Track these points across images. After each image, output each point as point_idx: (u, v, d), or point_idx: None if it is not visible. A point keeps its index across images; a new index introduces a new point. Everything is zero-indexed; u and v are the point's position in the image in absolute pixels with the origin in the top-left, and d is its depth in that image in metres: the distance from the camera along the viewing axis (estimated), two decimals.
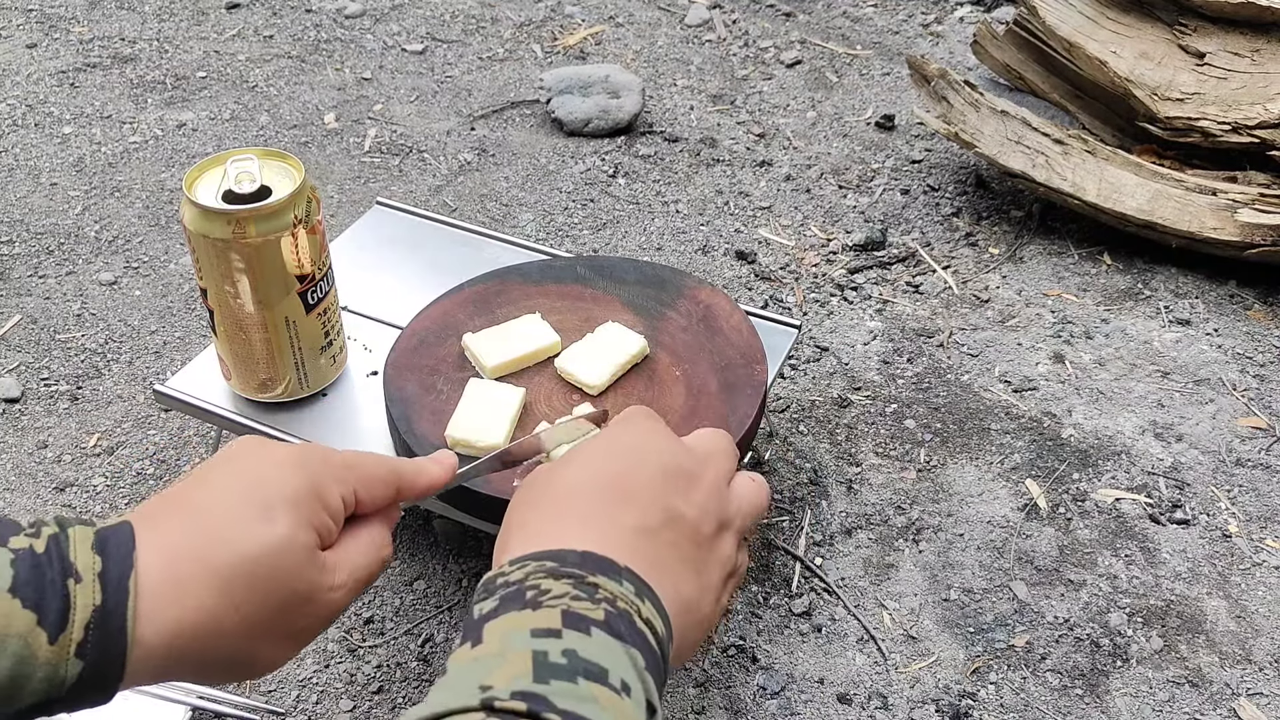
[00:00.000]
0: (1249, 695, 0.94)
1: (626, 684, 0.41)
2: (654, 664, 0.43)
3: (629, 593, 0.45)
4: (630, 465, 0.51)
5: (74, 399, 1.21)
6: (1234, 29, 1.47)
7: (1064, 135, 1.43)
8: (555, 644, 0.41)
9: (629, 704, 0.40)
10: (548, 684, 0.39)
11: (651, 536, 0.49)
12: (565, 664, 0.40)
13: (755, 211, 1.53)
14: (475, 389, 0.90)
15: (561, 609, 0.42)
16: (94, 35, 1.91)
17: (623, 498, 0.49)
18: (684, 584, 0.49)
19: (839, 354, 1.28)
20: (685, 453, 0.53)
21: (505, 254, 1.13)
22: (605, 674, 0.40)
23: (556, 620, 0.42)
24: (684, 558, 0.49)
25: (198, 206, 0.84)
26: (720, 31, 1.98)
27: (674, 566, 0.49)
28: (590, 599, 0.43)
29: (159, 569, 0.46)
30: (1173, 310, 1.36)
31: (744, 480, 0.55)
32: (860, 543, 1.06)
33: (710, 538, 0.51)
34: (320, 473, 0.52)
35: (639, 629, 0.44)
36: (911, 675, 0.95)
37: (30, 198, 1.52)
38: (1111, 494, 1.11)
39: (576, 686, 0.39)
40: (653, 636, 0.44)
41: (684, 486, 0.51)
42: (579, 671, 0.40)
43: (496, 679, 0.39)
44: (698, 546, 0.50)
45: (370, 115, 1.72)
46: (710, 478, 0.53)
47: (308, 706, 0.91)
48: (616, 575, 0.45)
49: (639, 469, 0.51)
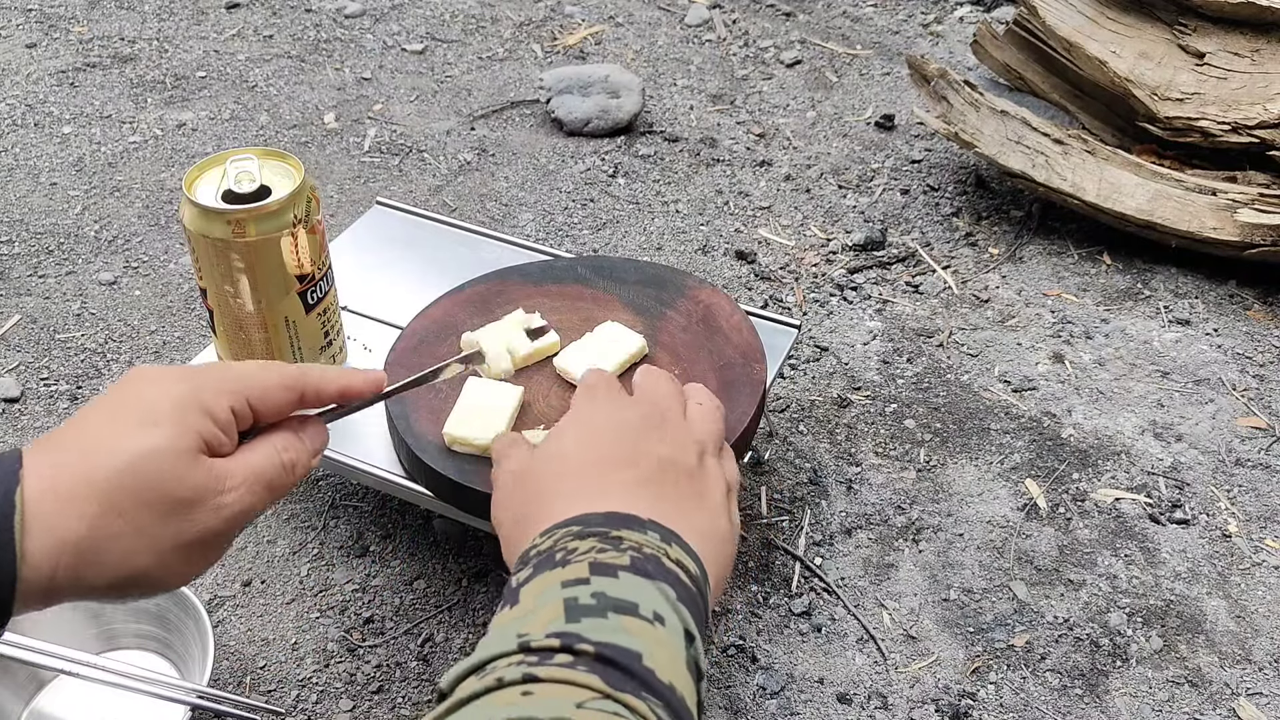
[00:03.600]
0: (1249, 695, 0.94)
1: (659, 615, 0.43)
2: (688, 597, 0.45)
3: (654, 539, 0.47)
4: (612, 432, 0.56)
5: (74, 399, 1.21)
6: (1234, 29, 1.47)
7: (1064, 135, 1.43)
8: (584, 589, 0.43)
9: (664, 631, 0.43)
10: (579, 622, 0.41)
11: (654, 484, 0.52)
12: (595, 604, 0.42)
13: (755, 211, 1.53)
14: (474, 388, 0.90)
15: (589, 561, 0.45)
16: (94, 35, 1.91)
17: (618, 462, 0.53)
18: (695, 515, 0.52)
19: (839, 354, 1.29)
20: (645, 404, 0.58)
21: (505, 254, 1.13)
22: (635, 607, 0.43)
23: (585, 571, 0.44)
24: (685, 493, 0.53)
25: (197, 206, 0.84)
26: (720, 31, 1.98)
27: (681, 504, 0.52)
28: (616, 549, 0.46)
29: (43, 487, 0.46)
30: (1172, 310, 1.36)
31: (694, 409, 0.60)
32: (860, 543, 1.06)
33: (697, 466, 0.55)
34: (205, 385, 0.52)
35: (668, 568, 0.46)
36: (911, 675, 0.95)
37: (30, 197, 1.52)
38: (1111, 494, 1.11)
39: (606, 620, 0.42)
40: (685, 574, 0.46)
41: (657, 433, 0.56)
42: (609, 608, 0.42)
43: (532, 627, 0.41)
44: (691, 478, 0.54)
45: (370, 115, 1.72)
46: (672, 417, 0.57)
47: (308, 706, 0.91)
48: (640, 527, 0.48)
49: (620, 434, 0.55)
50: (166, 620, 0.92)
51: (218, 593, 1.00)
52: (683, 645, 0.43)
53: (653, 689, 0.40)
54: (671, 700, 0.40)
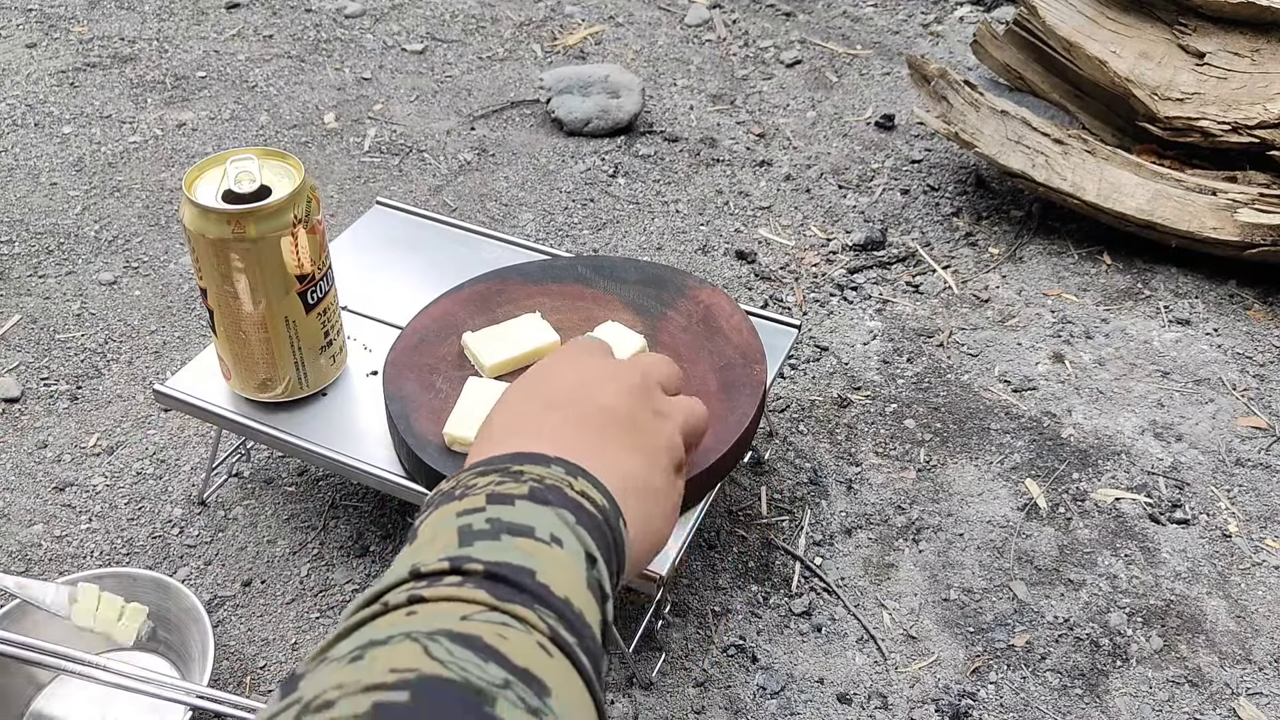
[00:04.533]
0: (1249, 695, 0.94)
1: (556, 537, 0.43)
2: (592, 523, 0.45)
3: (558, 472, 0.47)
4: (550, 376, 0.56)
5: (74, 399, 1.21)
6: (1234, 29, 1.47)
7: (1064, 135, 1.43)
8: (479, 516, 0.43)
9: (562, 553, 0.42)
10: (471, 545, 0.41)
11: (579, 424, 0.52)
12: (488, 529, 0.42)
13: (755, 211, 1.53)
14: (474, 387, 0.90)
15: (486, 493, 0.45)
16: (94, 35, 1.91)
17: (548, 403, 0.53)
18: (622, 461, 0.52)
19: (839, 354, 1.28)
20: (610, 359, 0.58)
21: (505, 254, 1.13)
22: (531, 530, 0.43)
23: (481, 501, 0.44)
24: (617, 441, 0.52)
25: (197, 206, 0.84)
26: (720, 31, 1.98)
27: (609, 448, 0.52)
28: (516, 480, 0.46)
29: None
30: (1172, 310, 1.36)
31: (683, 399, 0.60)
32: (860, 542, 1.06)
33: (648, 422, 0.55)
34: None
35: (570, 497, 0.46)
36: (911, 675, 0.95)
37: (30, 198, 1.52)
38: (1111, 494, 1.11)
39: (499, 542, 0.42)
40: (590, 504, 0.46)
41: (610, 384, 0.55)
42: (503, 530, 0.42)
43: (425, 555, 0.41)
44: (633, 431, 0.53)
45: (370, 115, 1.72)
46: (638, 377, 0.56)
47: None
48: (544, 462, 0.47)
49: (559, 377, 0.56)
50: (166, 620, 0.92)
51: (218, 593, 1.00)
52: (583, 565, 0.43)
53: (546, 602, 0.40)
54: (566, 613, 0.40)
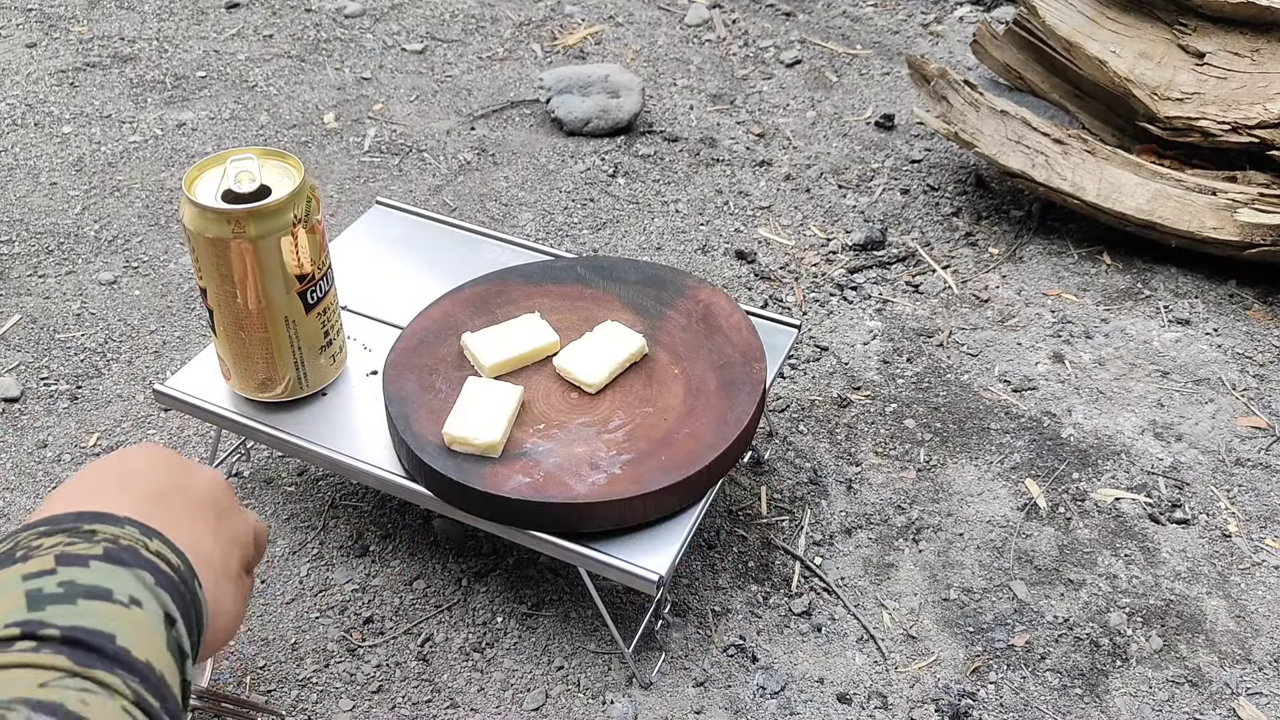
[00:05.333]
0: (1248, 695, 0.94)
1: (135, 598, 0.41)
2: (169, 583, 0.44)
3: (133, 533, 0.45)
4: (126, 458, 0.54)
5: (74, 399, 1.21)
6: (1234, 29, 1.47)
7: (1064, 135, 1.43)
8: (49, 580, 0.41)
9: (142, 615, 0.41)
10: (43, 610, 0.39)
11: (162, 499, 0.50)
12: (61, 592, 0.40)
13: (755, 211, 1.53)
14: (473, 387, 0.90)
15: (55, 554, 0.42)
16: (94, 35, 1.91)
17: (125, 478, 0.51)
18: (203, 540, 0.50)
19: (839, 354, 1.28)
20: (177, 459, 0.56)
21: (505, 254, 1.13)
22: (109, 592, 0.41)
23: (50, 563, 0.42)
24: (203, 519, 0.51)
25: (197, 206, 0.84)
26: (720, 31, 1.98)
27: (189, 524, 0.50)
28: (88, 541, 0.43)
29: None
30: (1172, 310, 1.36)
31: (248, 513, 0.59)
32: (860, 542, 1.06)
33: (226, 510, 0.54)
34: None
35: (146, 557, 0.44)
36: (911, 675, 0.95)
37: (30, 197, 1.52)
38: (1111, 494, 1.11)
39: (75, 606, 0.40)
40: (166, 564, 0.44)
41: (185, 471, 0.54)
42: (79, 595, 0.40)
43: None
44: (215, 513, 0.53)
45: (370, 115, 1.72)
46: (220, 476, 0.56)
47: (308, 706, 0.91)
48: (117, 522, 0.45)
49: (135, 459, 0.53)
50: None
51: None
52: (163, 627, 0.42)
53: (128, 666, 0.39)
54: (150, 677, 0.40)
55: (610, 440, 0.88)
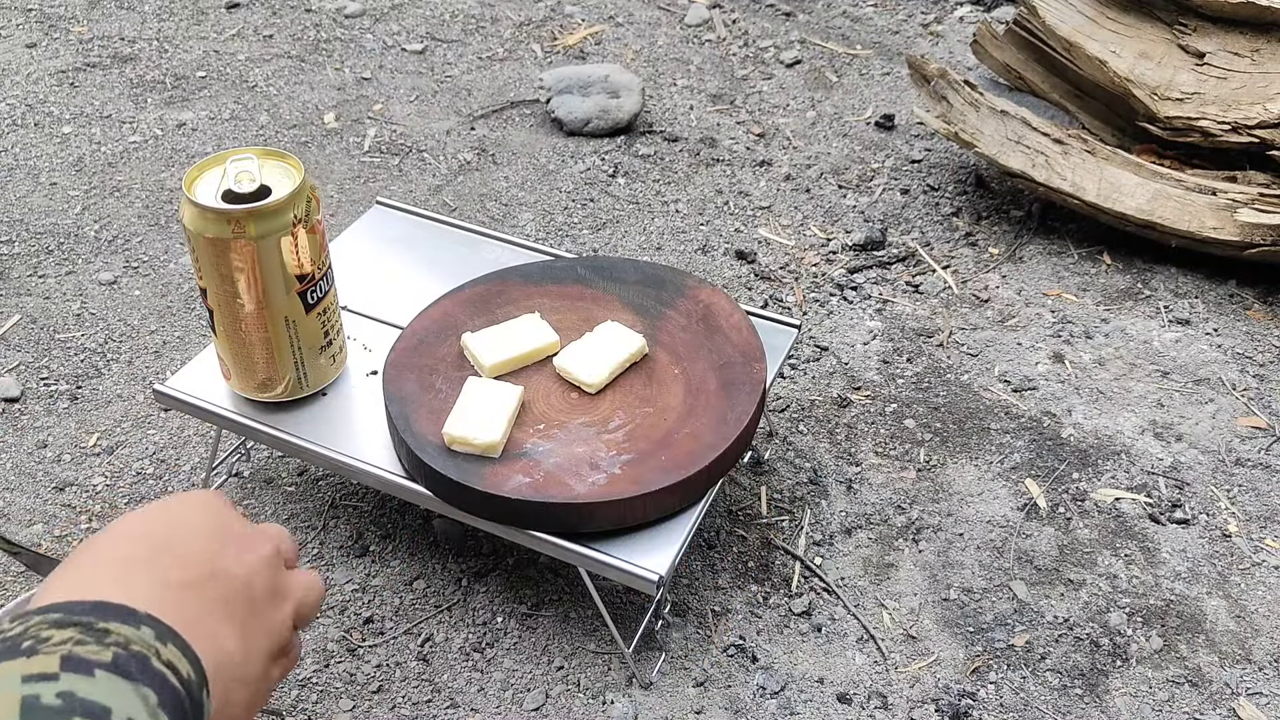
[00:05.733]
0: (1248, 695, 0.94)
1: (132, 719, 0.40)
2: (174, 701, 0.42)
3: (147, 636, 0.43)
4: (174, 525, 0.51)
5: (74, 399, 1.21)
6: (1234, 29, 1.47)
7: (1064, 135, 1.43)
8: (49, 686, 0.39)
9: None
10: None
11: (193, 589, 0.48)
12: (59, 705, 0.38)
13: (755, 211, 1.53)
14: (473, 387, 0.90)
15: (61, 654, 0.41)
16: (94, 35, 1.91)
17: (162, 553, 0.49)
18: (226, 639, 0.48)
19: (839, 354, 1.28)
20: (239, 521, 0.53)
21: (505, 254, 1.13)
22: (108, 712, 0.39)
23: (54, 665, 0.40)
24: (230, 615, 0.49)
25: (197, 206, 0.84)
26: (720, 31, 1.98)
27: (215, 620, 0.48)
28: (98, 643, 0.42)
29: None
30: (1172, 310, 1.36)
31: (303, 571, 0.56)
32: (860, 542, 1.06)
33: (262, 601, 0.51)
34: None
35: (155, 669, 0.42)
36: (911, 675, 0.95)
37: (30, 197, 1.52)
38: (1111, 494, 1.11)
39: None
40: (175, 677, 0.43)
41: (234, 548, 0.51)
42: (75, 712, 0.39)
43: None
44: (249, 606, 0.50)
45: (370, 115, 1.72)
46: (266, 549, 0.53)
47: (308, 706, 0.91)
48: (134, 621, 0.44)
49: (183, 527, 0.51)
50: None
51: None
52: None
53: None
54: None
55: (610, 440, 0.88)
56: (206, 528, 0.51)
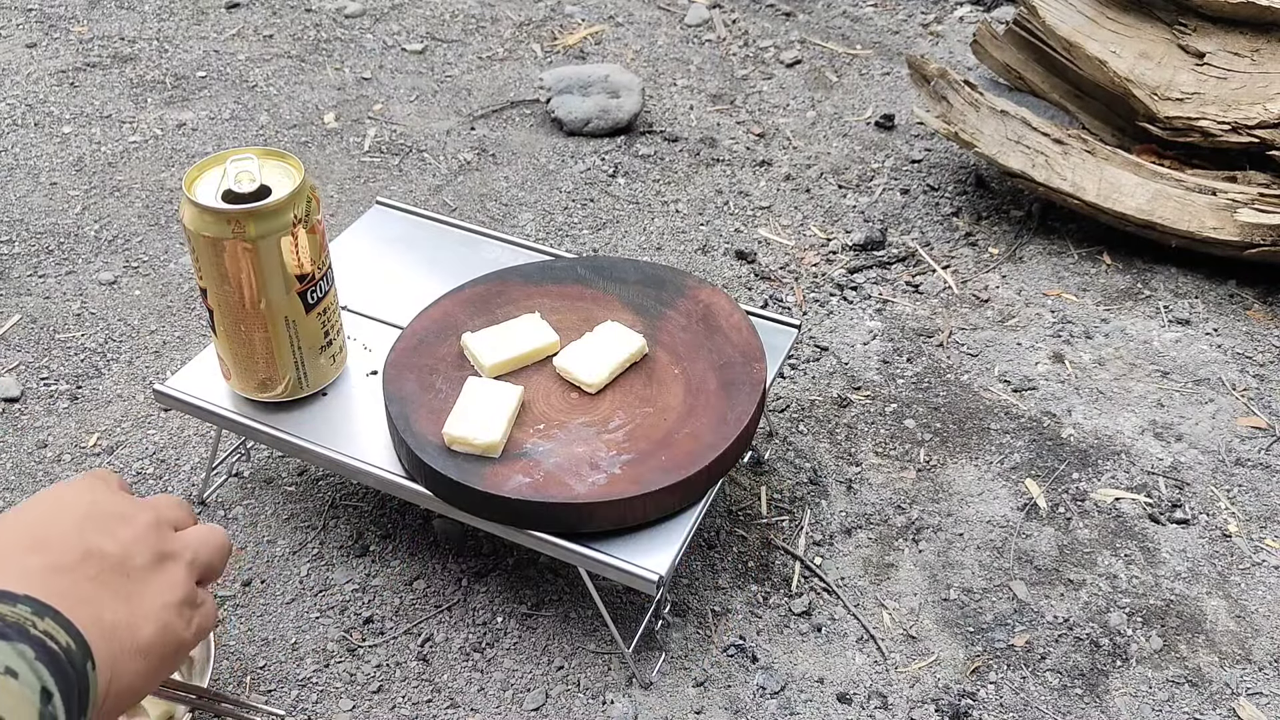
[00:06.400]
0: (1249, 695, 0.94)
1: (11, 669, 0.43)
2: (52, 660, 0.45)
3: (24, 612, 0.46)
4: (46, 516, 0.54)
5: (74, 398, 1.21)
6: (1234, 29, 1.47)
7: (1064, 135, 1.43)
8: None
9: (15, 684, 0.43)
10: None
11: (66, 572, 0.51)
12: None
13: (755, 211, 1.53)
14: (473, 387, 0.90)
15: None
16: (94, 35, 1.91)
17: (34, 545, 0.52)
18: (108, 611, 0.51)
19: (839, 354, 1.28)
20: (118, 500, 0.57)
21: (505, 254, 1.13)
22: None
23: None
24: (110, 589, 0.52)
25: (197, 206, 0.84)
26: (720, 31, 1.98)
27: (94, 596, 0.51)
28: None
29: None
30: (1172, 310, 1.36)
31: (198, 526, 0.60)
32: (860, 542, 1.06)
33: (145, 569, 0.54)
34: None
35: (34, 635, 0.45)
36: (911, 675, 0.95)
37: (30, 197, 1.52)
38: (1111, 494, 1.11)
39: None
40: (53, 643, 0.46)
41: (109, 526, 0.54)
42: None
43: None
44: (126, 577, 0.53)
45: (370, 115, 1.72)
46: (146, 518, 0.56)
47: (308, 706, 0.91)
48: (10, 601, 0.47)
49: (55, 518, 0.54)
50: None
51: (217, 592, 1.00)
52: (38, 700, 0.44)
53: None
54: None
55: (610, 440, 0.88)
56: (80, 511, 0.55)
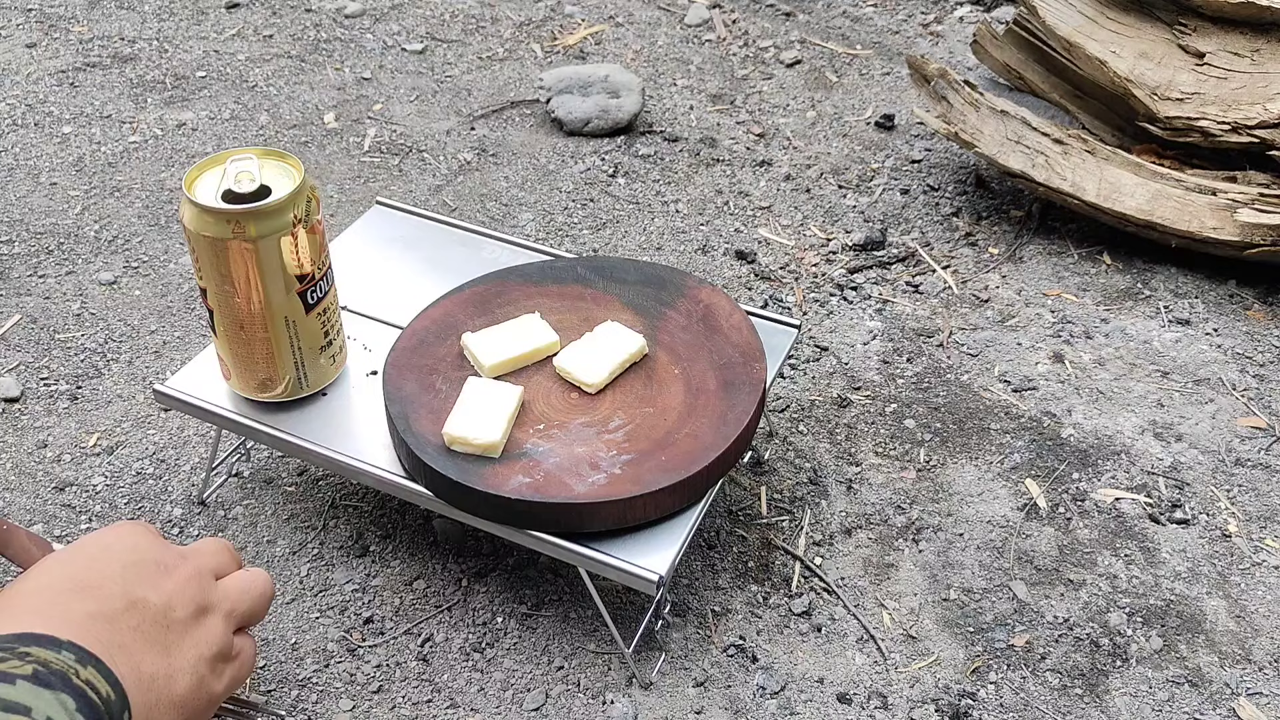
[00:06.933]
0: (1249, 695, 0.94)
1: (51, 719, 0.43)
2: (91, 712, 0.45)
3: (68, 659, 0.46)
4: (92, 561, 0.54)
5: (74, 399, 1.21)
6: (1234, 29, 1.47)
7: (1064, 135, 1.43)
8: None
9: None
10: None
11: (109, 621, 0.51)
12: None
13: (755, 211, 1.53)
14: (473, 387, 0.90)
15: None
16: (94, 35, 1.91)
17: (80, 590, 0.52)
18: (147, 663, 0.51)
19: (839, 354, 1.28)
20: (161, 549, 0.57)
21: (505, 254, 1.13)
22: (29, 710, 0.42)
23: None
24: (150, 640, 0.52)
25: (197, 206, 0.84)
26: (720, 31, 1.98)
27: (135, 646, 0.51)
28: (21, 660, 0.45)
29: None
30: (1172, 310, 1.36)
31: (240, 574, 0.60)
32: (860, 542, 1.06)
33: (184, 621, 0.54)
34: None
35: (76, 685, 0.45)
36: (911, 675, 0.95)
37: (30, 197, 1.52)
38: (1111, 494, 1.11)
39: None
40: (94, 694, 0.46)
41: (152, 577, 0.54)
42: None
43: None
44: (166, 630, 0.53)
45: (370, 115, 1.72)
46: (187, 569, 0.56)
47: (308, 706, 0.91)
48: (55, 646, 0.47)
49: (100, 564, 0.54)
50: None
51: None
52: None
53: None
54: None
55: (610, 440, 0.88)
56: (124, 560, 0.55)
